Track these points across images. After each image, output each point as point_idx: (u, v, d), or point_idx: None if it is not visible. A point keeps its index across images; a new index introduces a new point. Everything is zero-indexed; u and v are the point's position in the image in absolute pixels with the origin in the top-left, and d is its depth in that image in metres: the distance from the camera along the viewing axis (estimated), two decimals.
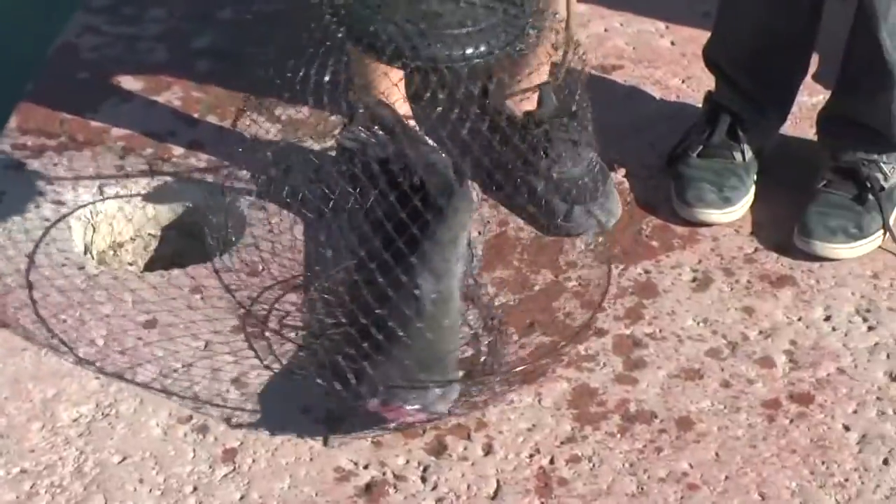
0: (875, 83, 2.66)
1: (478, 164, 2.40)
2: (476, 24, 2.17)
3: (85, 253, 2.75)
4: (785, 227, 2.68)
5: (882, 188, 2.66)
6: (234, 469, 2.27)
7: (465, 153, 2.38)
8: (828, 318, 2.53)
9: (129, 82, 2.99)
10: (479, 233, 2.71)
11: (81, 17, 3.15)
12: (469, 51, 2.17)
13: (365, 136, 2.47)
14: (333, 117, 2.76)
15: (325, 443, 2.43)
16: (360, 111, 2.58)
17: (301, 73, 2.31)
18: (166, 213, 2.86)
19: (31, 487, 2.20)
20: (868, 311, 2.54)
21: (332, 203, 2.59)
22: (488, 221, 2.77)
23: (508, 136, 2.55)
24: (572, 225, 2.73)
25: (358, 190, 2.46)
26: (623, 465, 2.27)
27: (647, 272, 2.63)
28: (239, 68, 2.50)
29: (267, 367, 2.47)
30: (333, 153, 2.82)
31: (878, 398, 2.38)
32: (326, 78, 2.32)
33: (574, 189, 2.67)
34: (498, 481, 2.25)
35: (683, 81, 2.98)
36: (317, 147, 2.83)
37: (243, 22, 2.75)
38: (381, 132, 2.51)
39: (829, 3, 2.74)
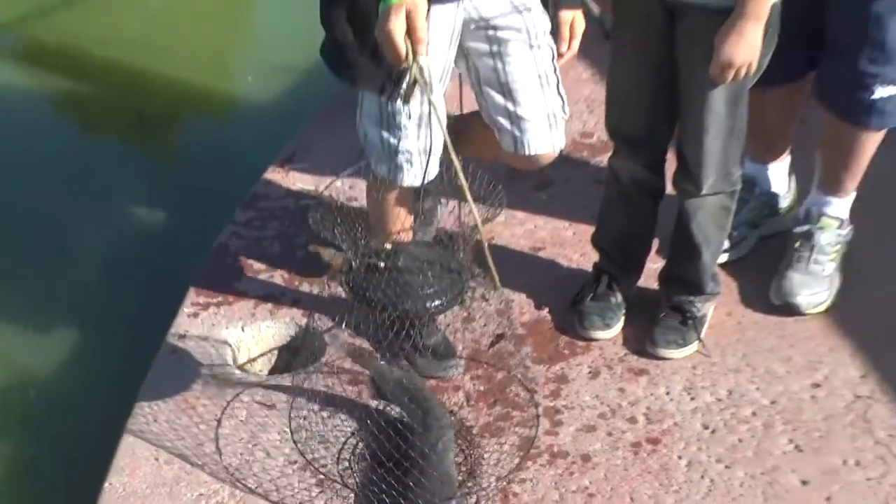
0: (690, 255, 2.67)
1: None
2: (434, 286, 2.22)
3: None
4: (642, 340, 2.72)
5: (696, 317, 2.70)
6: None
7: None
8: (668, 393, 2.59)
9: (257, 265, 3.03)
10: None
11: (230, 228, 3.17)
12: (430, 304, 2.23)
13: None
14: None
15: None
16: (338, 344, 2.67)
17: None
18: (280, 339, 2.90)
19: None
20: (691, 388, 2.60)
21: None
22: None
23: None
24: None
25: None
26: (550, 483, 2.37)
27: (562, 368, 2.68)
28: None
29: None
30: None
31: (697, 440, 2.46)
32: None
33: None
34: None
35: (581, 256, 2.99)
36: None
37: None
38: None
39: (662, 210, 2.74)
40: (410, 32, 1.99)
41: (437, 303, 2.26)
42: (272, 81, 4.47)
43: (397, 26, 1.97)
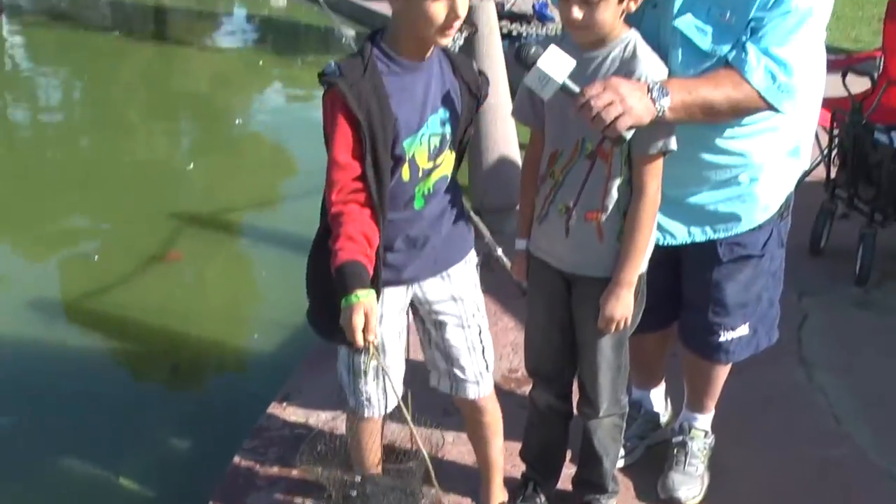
0: (594, 463, 2.63)
1: None
2: None
3: None
4: None
5: None
6: None
7: None
8: None
9: (260, 483, 2.98)
10: None
11: (240, 453, 3.12)
12: None
13: None
14: None
15: None
16: None
17: None
18: None
19: None
20: None
21: None
22: None
23: None
24: None
25: None
26: None
27: None
28: None
29: None
30: None
31: None
32: None
33: None
34: None
35: (512, 466, 2.87)
36: None
37: None
38: None
39: (572, 428, 2.71)
40: (366, 326, 1.99)
41: None
42: (272, 335, 4.52)
43: (357, 321, 1.97)
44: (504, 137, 4.61)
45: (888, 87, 4.43)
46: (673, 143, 2.21)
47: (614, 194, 2.27)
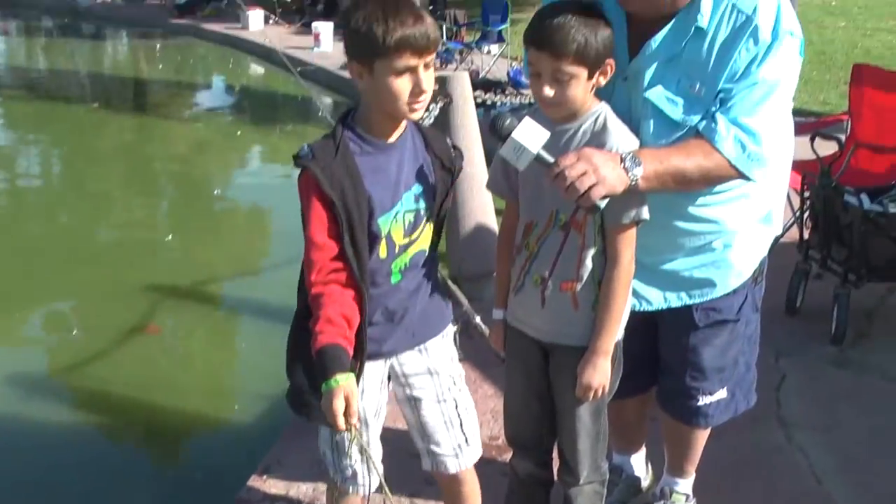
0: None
1: None
2: None
3: None
4: None
5: None
6: None
7: None
8: None
9: None
10: None
11: None
12: None
13: None
14: None
15: None
16: None
17: None
18: None
19: None
20: None
21: None
22: None
23: None
24: None
25: None
26: None
27: None
28: None
29: None
30: None
31: None
32: None
33: None
34: None
35: None
36: None
37: None
38: None
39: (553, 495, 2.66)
40: (347, 409, 1.99)
41: None
42: (252, 405, 4.52)
43: (337, 405, 1.97)
44: (480, 206, 4.65)
45: (856, 150, 4.52)
46: (645, 213, 2.25)
47: (589, 264, 2.30)
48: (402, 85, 2.05)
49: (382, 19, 2.00)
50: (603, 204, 2.13)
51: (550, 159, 2.11)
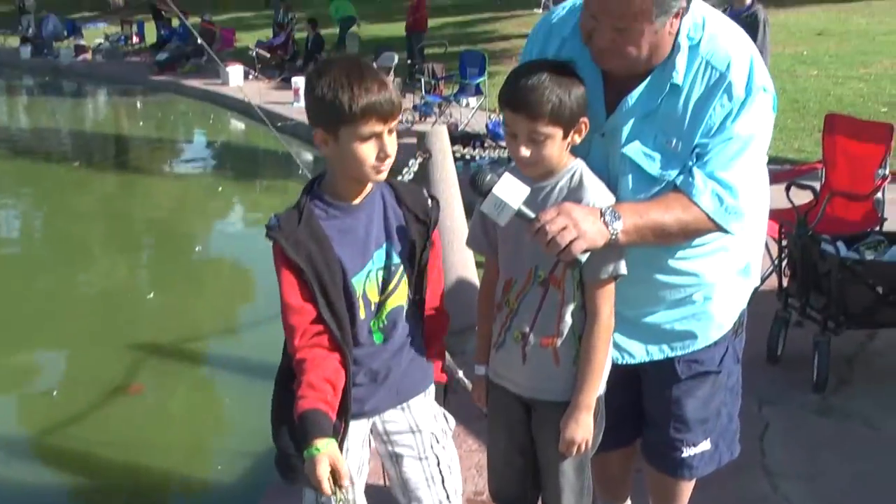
0: None
1: None
2: None
3: None
4: None
5: None
6: None
7: None
8: None
9: None
10: None
11: None
12: None
13: None
14: None
15: None
16: None
17: None
18: None
19: None
20: None
21: None
22: None
23: None
24: None
25: None
26: None
27: None
28: None
29: None
30: None
31: None
32: None
33: None
34: None
35: None
36: None
37: None
38: None
39: None
40: (334, 473, 2.00)
41: None
42: (236, 463, 4.47)
43: (321, 471, 1.98)
44: (461, 260, 4.67)
45: (831, 199, 4.57)
46: (623, 268, 2.27)
47: (568, 320, 2.31)
48: (368, 150, 2.09)
49: (348, 86, 2.04)
50: (584, 258, 2.15)
51: (531, 214, 2.13)
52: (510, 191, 2.12)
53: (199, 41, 9.64)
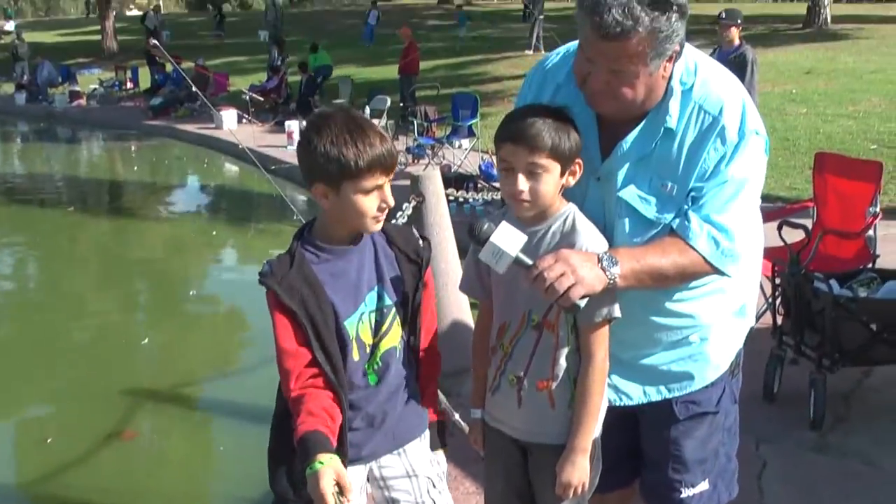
0: None
1: None
2: None
3: None
4: None
5: None
6: None
7: None
8: None
9: None
10: None
11: None
12: None
13: None
14: None
15: None
16: None
17: None
18: None
19: None
20: None
21: None
22: None
23: None
24: None
25: None
26: None
27: None
28: None
29: None
30: None
31: None
32: None
33: None
34: None
35: None
36: None
37: None
38: None
39: None
40: (340, 486, 1.98)
41: None
42: None
43: (325, 485, 1.95)
44: (455, 302, 4.67)
45: (823, 237, 4.58)
46: (617, 311, 2.28)
47: (563, 363, 2.31)
48: (370, 203, 2.13)
49: (351, 143, 2.07)
50: (583, 304, 2.15)
51: (529, 261, 2.14)
52: (508, 239, 2.14)
53: (193, 89, 9.65)
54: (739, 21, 8.35)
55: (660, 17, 2.06)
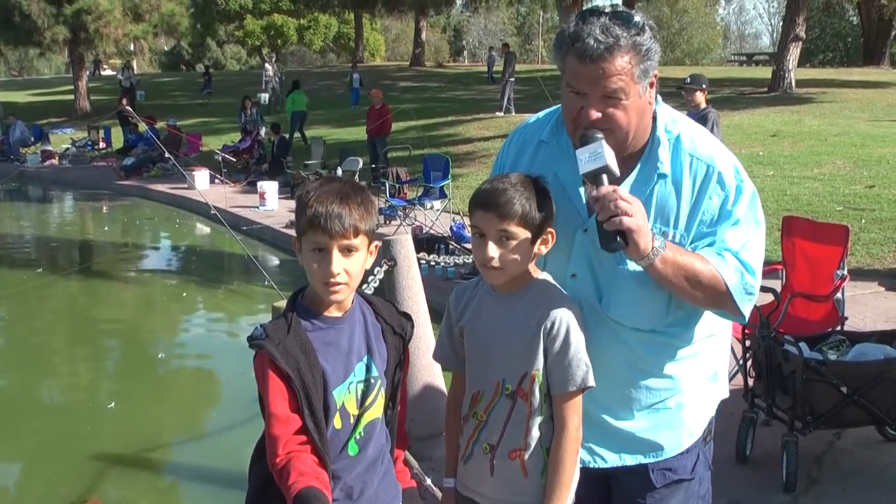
0: None
1: None
2: None
3: None
4: None
5: None
6: None
7: None
8: None
9: None
10: None
11: None
12: None
13: None
14: None
15: None
16: None
17: None
18: None
19: None
20: None
21: None
22: None
23: None
24: None
25: None
26: None
27: None
28: None
29: None
30: None
31: None
32: None
33: None
34: None
35: None
36: None
37: None
38: None
39: None
40: None
41: None
42: None
43: None
44: (427, 366, 4.64)
45: (792, 299, 4.61)
46: (591, 380, 2.26)
47: (535, 433, 2.28)
48: (313, 264, 2.13)
49: (315, 199, 2.09)
50: (620, 244, 2.11)
51: (616, 172, 2.15)
52: (609, 153, 2.14)
53: (165, 153, 9.65)
54: (704, 85, 8.49)
55: (638, 34, 2.14)
